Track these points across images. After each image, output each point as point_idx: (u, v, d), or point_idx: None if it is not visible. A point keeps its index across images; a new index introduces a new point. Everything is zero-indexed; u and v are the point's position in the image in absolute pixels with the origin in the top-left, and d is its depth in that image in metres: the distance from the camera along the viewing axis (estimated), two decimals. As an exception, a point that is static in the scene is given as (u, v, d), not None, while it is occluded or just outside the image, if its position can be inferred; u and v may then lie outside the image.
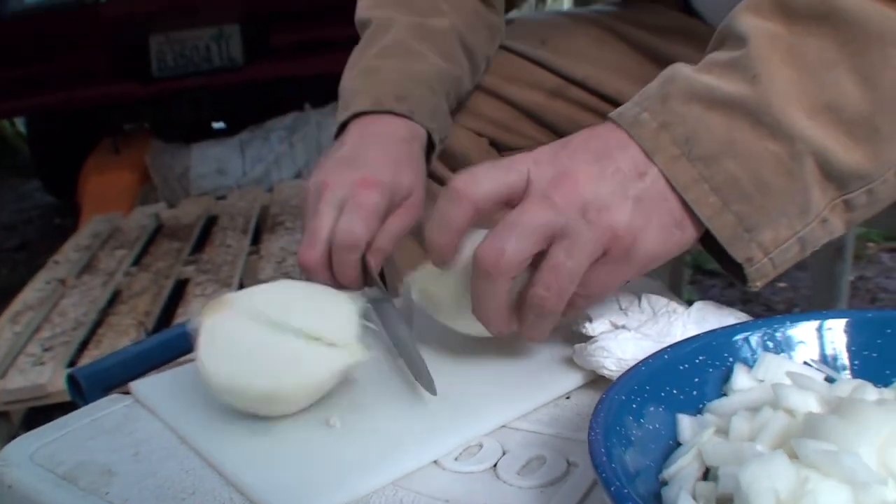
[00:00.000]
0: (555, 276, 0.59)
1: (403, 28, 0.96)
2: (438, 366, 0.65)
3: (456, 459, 0.56)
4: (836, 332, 0.57)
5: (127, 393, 0.72)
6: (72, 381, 0.76)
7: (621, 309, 0.68)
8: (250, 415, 0.62)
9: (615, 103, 1.08)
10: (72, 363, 2.04)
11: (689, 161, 0.60)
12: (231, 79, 3.53)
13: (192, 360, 0.84)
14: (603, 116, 1.09)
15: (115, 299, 2.44)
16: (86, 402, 0.74)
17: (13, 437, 1.74)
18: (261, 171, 3.55)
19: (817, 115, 0.59)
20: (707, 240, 0.63)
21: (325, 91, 3.86)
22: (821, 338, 0.57)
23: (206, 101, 3.70)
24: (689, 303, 0.68)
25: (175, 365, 0.80)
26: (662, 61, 1.09)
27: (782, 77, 0.60)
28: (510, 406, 0.61)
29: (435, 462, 0.56)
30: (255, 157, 3.56)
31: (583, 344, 0.64)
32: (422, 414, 0.61)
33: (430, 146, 0.93)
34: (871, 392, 0.48)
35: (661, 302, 0.68)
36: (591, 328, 0.65)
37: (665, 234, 0.61)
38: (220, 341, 0.61)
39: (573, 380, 0.64)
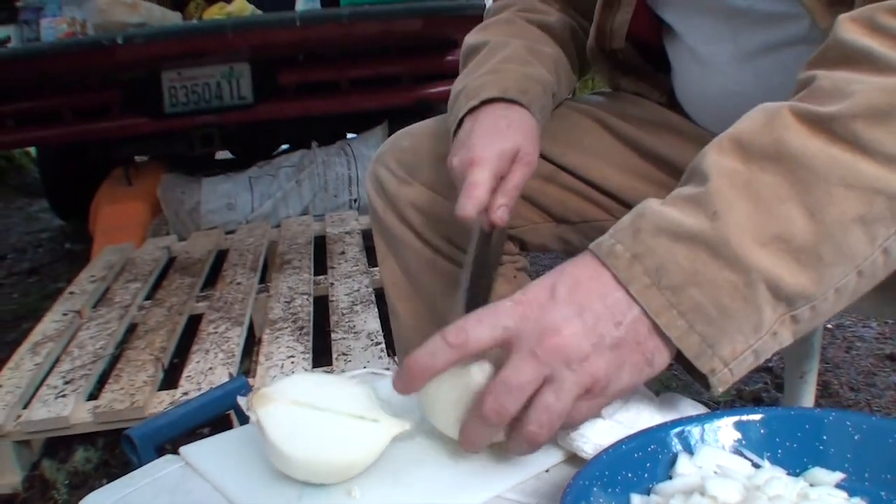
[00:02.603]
0: (547, 416, 0.69)
1: (520, 46, 1.17)
2: (439, 442, 0.79)
3: (456, 524, 0.70)
4: (763, 425, 0.70)
5: (176, 452, 0.85)
6: (127, 439, 0.89)
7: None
8: (287, 484, 0.74)
9: (602, 189, 1.23)
10: (92, 396, 2.16)
11: (659, 290, 0.69)
12: (241, 117, 3.61)
13: (227, 416, 0.98)
14: (589, 201, 1.23)
15: (130, 333, 2.56)
16: (139, 458, 0.88)
17: (34, 464, 1.87)
18: (269, 207, 3.66)
19: (769, 244, 0.68)
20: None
21: (331, 130, 4.00)
22: (752, 430, 0.71)
23: (216, 137, 3.79)
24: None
25: (211, 426, 0.94)
26: (646, 152, 1.23)
27: (740, 210, 0.69)
28: (500, 479, 0.74)
29: (439, 526, 0.70)
30: (263, 193, 3.67)
31: (566, 430, 0.76)
32: (427, 486, 0.74)
33: None
34: (777, 485, 0.61)
35: (633, 392, 0.81)
36: (573, 415, 0.79)
37: (636, 372, 0.70)
38: (287, 428, 0.73)
39: (553, 456, 0.77)
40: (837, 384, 2.33)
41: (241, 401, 0.78)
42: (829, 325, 2.67)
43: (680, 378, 2.36)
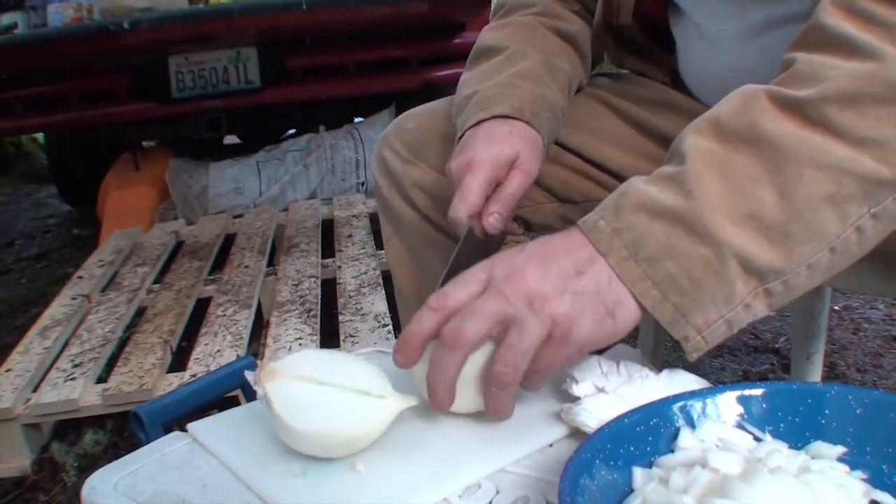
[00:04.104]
0: (510, 354, 0.73)
1: (537, 60, 1.15)
2: (444, 418, 0.80)
3: (460, 497, 0.70)
4: (766, 400, 0.71)
5: (184, 430, 0.85)
6: (135, 417, 0.90)
7: (602, 373, 0.81)
8: (292, 459, 0.75)
9: (605, 169, 1.23)
10: (101, 379, 2.18)
11: (635, 262, 0.74)
12: (248, 101, 3.62)
13: (234, 397, 0.99)
14: (593, 181, 1.24)
15: (139, 316, 2.57)
16: (147, 435, 0.89)
17: (44, 447, 1.88)
18: (276, 191, 3.66)
19: (741, 221, 0.72)
20: None
21: (338, 114, 4.01)
22: (754, 404, 0.71)
23: (223, 121, 3.79)
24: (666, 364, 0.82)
25: (220, 404, 0.95)
26: (650, 132, 1.23)
27: (713, 189, 0.73)
28: (505, 453, 0.75)
29: (444, 499, 0.70)
30: (271, 177, 3.67)
31: (570, 404, 0.77)
32: (431, 460, 0.75)
33: None
34: (778, 457, 0.62)
35: (635, 367, 0.81)
36: (577, 389, 0.79)
37: (598, 322, 0.74)
38: (293, 403, 0.74)
39: (557, 431, 0.78)
40: (844, 365, 2.33)
41: (249, 375, 0.79)
42: (837, 307, 2.67)
43: (685, 360, 2.36)
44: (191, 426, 0.85)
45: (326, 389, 0.75)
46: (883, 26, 0.74)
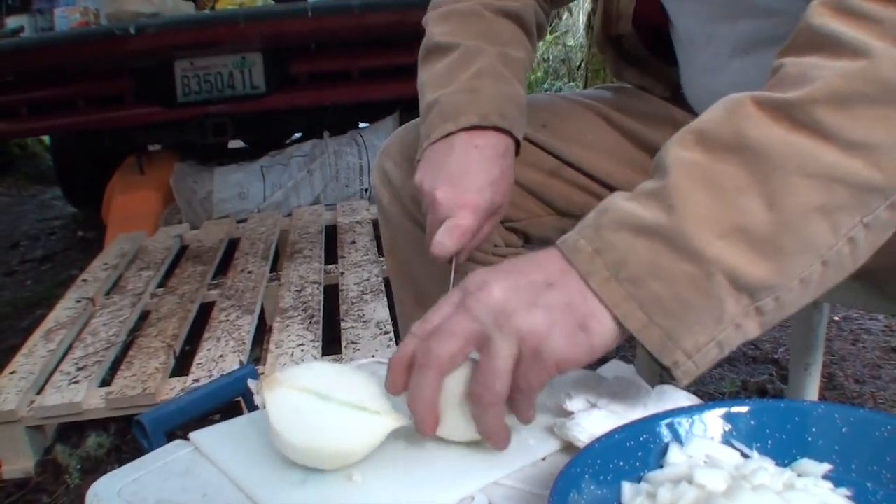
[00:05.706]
0: (483, 375, 0.72)
1: (493, 55, 1.13)
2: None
3: (453, 509, 0.72)
4: (753, 417, 0.72)
5: (186, 437, 0.87)
6: (138, 424, 0.92)
7: (596, 389, 0.83)
8: (291, 469, 0.77)
9: (604, 184, 1.24)
10: (105, 383, 2.19)
11: (618, 282, 0.70)
12: (253, 106, 3.64)
13: (236, 405, 1.00)
14: (592, 195, 1.25)
15: (143, 320, 2.59)
16: (150, 442, 0.90)
17: (47, 449, 1.89)
18: (280, 196, 3.67)
19: (728, 235, 0.69)
20: None
21: (343, 120, 4.02)
22: (742, 421, 0.73)
23: (228, 126, 3.81)
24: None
25: (222, 412, 0.97)
26: (650, 147, 1.24)
27: (697, 202, 0.70)
28: (498, 466, 0.76)
29: (437, 511, 0.72)
30: (275, 182, 3.69)
31: (563, 419, 0.78)
32: (427, 471, 0.76)
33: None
34: (763, 474, 0.64)
35: (628, 383, 0.83)
36: (570, 404, 0.81)
37: (569, 337, 0.71)
38: (289, 414, 0.75)
39: (550, 445, 0.79)
40: (843, 376, 2.34)
41: (252, 383, 0.81)
42: (836, 318, 2.68)
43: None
44: (193, 435, 0.86)
45: (324, 402, 0.76)
46: (874, 22, 0.71)
